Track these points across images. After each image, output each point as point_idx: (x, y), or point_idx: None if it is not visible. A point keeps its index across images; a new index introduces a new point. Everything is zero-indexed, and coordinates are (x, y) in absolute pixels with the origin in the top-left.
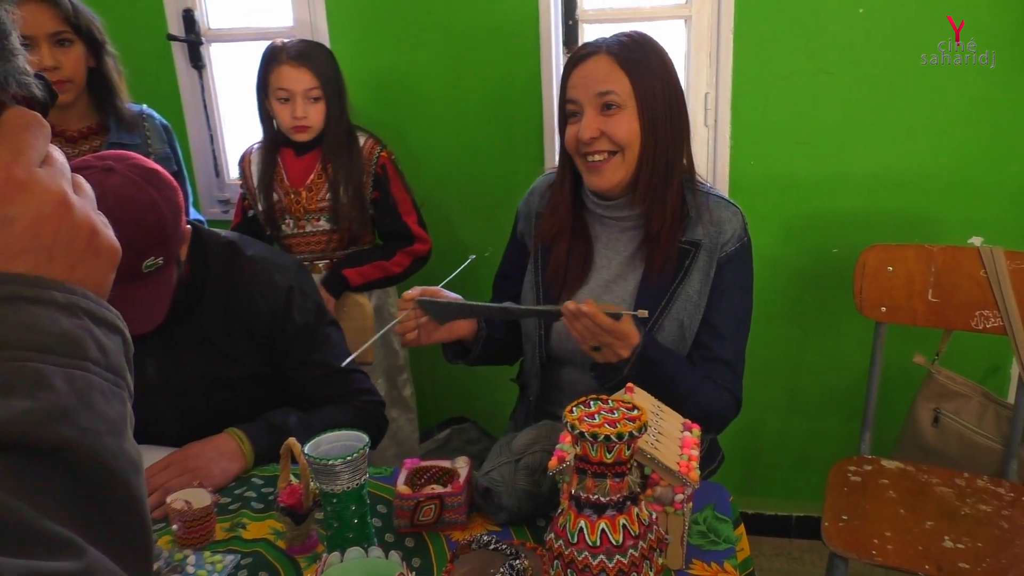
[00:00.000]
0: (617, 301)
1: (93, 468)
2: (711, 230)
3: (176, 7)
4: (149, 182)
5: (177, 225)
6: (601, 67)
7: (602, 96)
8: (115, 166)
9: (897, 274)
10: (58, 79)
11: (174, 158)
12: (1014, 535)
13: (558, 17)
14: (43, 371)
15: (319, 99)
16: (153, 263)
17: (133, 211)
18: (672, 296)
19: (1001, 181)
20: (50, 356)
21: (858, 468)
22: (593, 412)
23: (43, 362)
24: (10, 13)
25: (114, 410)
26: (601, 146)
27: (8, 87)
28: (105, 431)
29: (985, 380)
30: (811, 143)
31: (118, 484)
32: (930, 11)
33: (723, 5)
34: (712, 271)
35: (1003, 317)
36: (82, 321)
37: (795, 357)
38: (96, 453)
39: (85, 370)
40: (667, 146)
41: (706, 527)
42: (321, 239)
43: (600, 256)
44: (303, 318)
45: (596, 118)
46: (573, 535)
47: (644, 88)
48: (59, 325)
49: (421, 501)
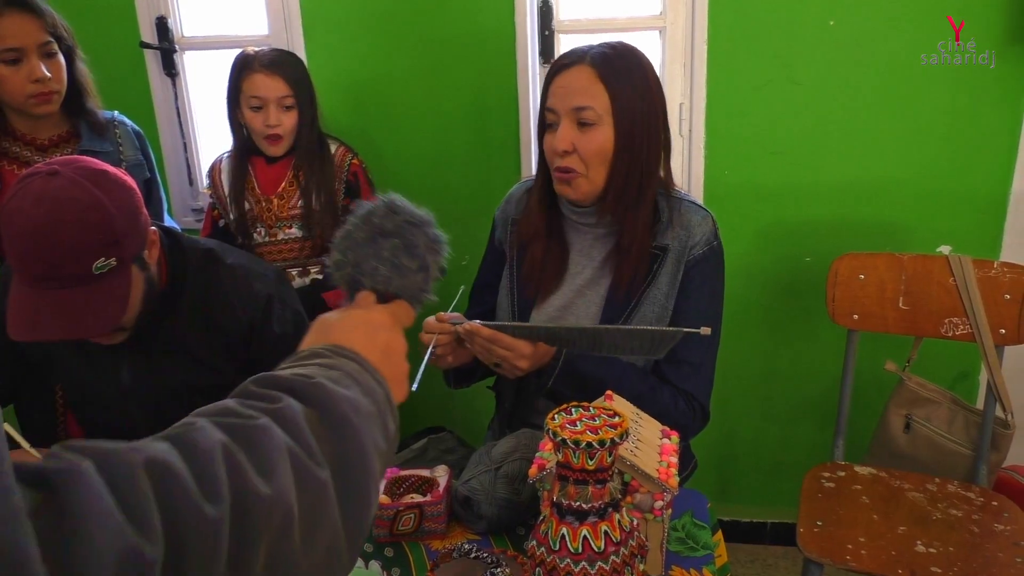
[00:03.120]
0: (588, 307)
1: (355, 443)
2: (680, 234)
3: (149, 15)
4: (95, 183)
5: (131, 226)
6: (581, 79)
7: (579, 111)
8: (60, 170)
9: (869, 282)
10: (49, 90)
11: (147, 165)
12: (984, 539)
13: (534, 27)
14: (355, 387)
15: (292, 107)
16: (104, 264)
17: (76, 212)
18: (639, 301)
19: (968, 190)
20: (355, 384)
21: (832, 474)
22: (575, 419)
23: (356, 384)
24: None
25: (376, 431)
26: (571, 162)
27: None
28: (370, 425)
29: (954, 386)
30: (784, 153)
31: (366, 461)
32: (903, 21)
33: (697, 17)
34: (680, 274)
35: (972, 324)
36: (380, 388)
37: (769, 364)
38: (360, 435)
39: (372, 395)
40: (642, 160)
41: (685, 533)
42: (293, 247)
43: (574, 263)
44: (282, 327)
45: (571, 130)
46: (555, 542)
47: (623, 103)
48: (370, 382)
49: (401, 510)
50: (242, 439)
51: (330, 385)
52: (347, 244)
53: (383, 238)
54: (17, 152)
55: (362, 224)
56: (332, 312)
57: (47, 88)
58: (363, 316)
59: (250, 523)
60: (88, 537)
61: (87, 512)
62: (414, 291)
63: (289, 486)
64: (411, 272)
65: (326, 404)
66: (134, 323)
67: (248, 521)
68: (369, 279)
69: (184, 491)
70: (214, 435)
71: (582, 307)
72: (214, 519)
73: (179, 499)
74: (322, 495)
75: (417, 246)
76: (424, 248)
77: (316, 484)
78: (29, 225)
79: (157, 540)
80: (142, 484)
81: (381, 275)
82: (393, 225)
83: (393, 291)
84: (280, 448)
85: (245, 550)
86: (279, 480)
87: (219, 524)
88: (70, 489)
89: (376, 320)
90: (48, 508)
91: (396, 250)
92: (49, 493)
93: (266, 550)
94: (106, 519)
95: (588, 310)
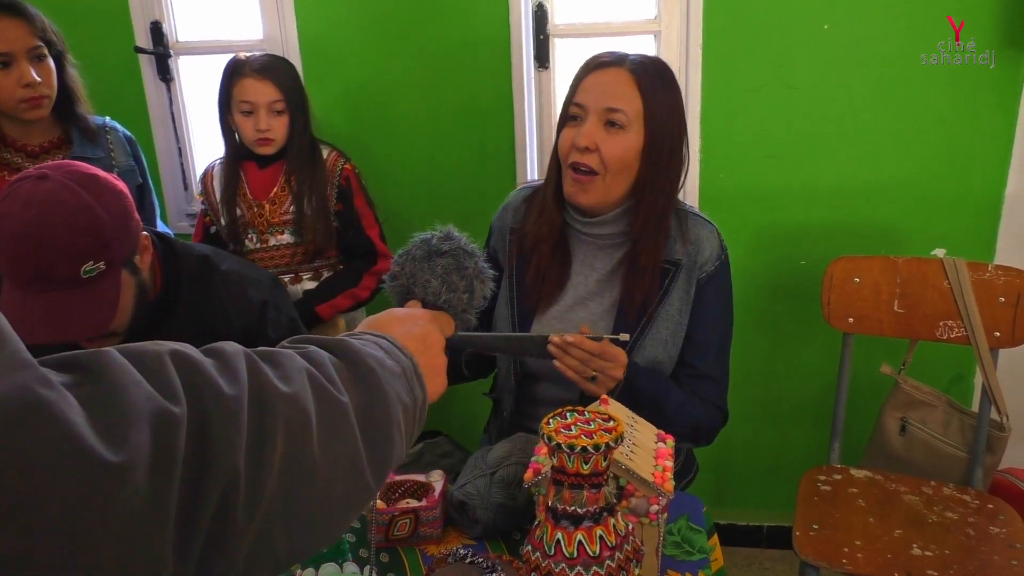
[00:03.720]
0: (590, 318)
1: (377, 387)
2: (690, 249)
3: (144, 19)
4: (84, 186)
5: (121, 231)
6: (619, 80)
7: (610, 112)
8: (50, 173)
9: (864, 285)
10: (39, 94)
11: (139, 170)
12: (979, 542)
13: (529, 32)
14: (380, 351)
15: (282, 112)
16: (93, 268)
17: (65, 215)
18: (653, 316)
19: (963, 194)
20: (381, 350)
21: (828, 477)
22: (570, 423)
23: (382, 350)
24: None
25: (399, 386)
26: (590, 160)
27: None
28: (394, 380)
29: (950, 389)
30: (779, 156)
31: (388, 405)
32: (897, 25)
33: (692, 21)
34: (692, 290)
35: (966, 327)
36: (407, 359)
37: (765, 367)
38: (383, 383)
39: (398, 361)
40: (668, 177)
41: (680, 537)
42: (285, 252)
43: (576, 273)
44: (277, 333)
45: (597, 129)
46: (550, 547)
47: (655, 112)
48: (397, 353)
49: (396, 515)
50: (264, 356)
51: (356, 343)
52: (404, 260)
53: (438, 257)
54: (8, 158)
55: (421, 244)
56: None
57: (37, 93)
58: (403, 312)
59: (268, 410)
60: (125, 400)
61: (119, 381)
62: (458, 308)
63: (306, 394)
64: (458, 290)
65: (351, 356)
66: (127, 329)
67: (266, 408)
68: (421, 289)
69: (205, 374)
70: (239, 347)
71: (587, 322)
72: (234, 396)
73: (200, 377)
74: (341, 416)
75: (467, 268)
76: (472, 272)
77: (335, 403)
78: (18, 228)
79: (181, 403)
80: (165, 364)
81: (432, 287)
82: (448, 247)
83: (441, 304)
84: (300, 368)
85: (264, 436)
86: (296, 386)
87: (239, 401)
88: (101, 366)
89: (416, 315)
90: (85, 380)
91: (448, 269)
92: (83, 372)
93: (284, 443)
94: (137, 387)
95: (595, 325)
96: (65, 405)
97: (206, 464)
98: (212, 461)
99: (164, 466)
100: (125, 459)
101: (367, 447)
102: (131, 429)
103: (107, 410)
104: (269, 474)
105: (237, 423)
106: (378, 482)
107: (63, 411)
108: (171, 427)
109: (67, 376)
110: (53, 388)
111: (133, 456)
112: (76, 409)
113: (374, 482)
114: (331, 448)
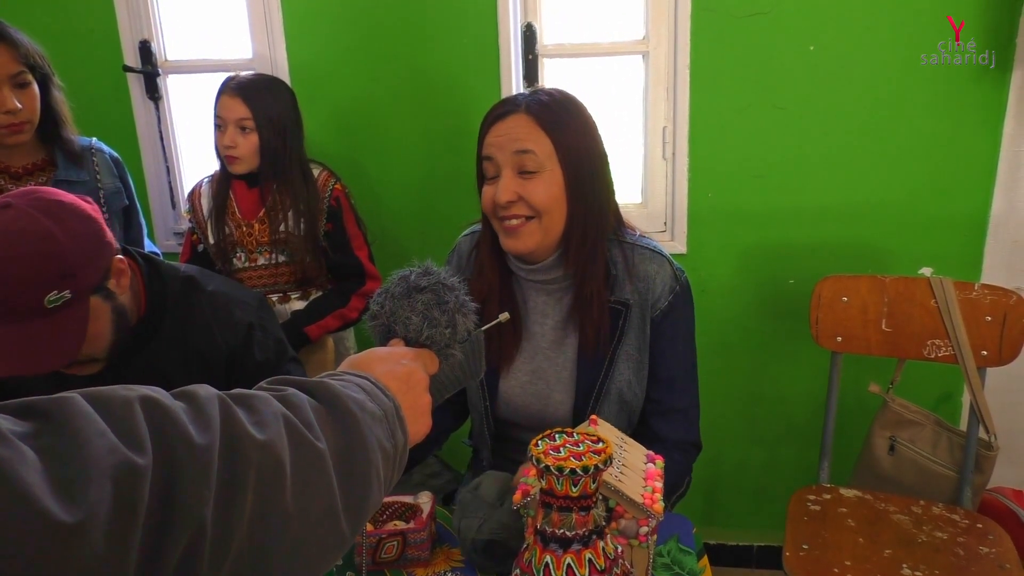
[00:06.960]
0: (559, 371)
1: (356, 432)
2: (640, 286)
3: (133, 38)
4: (47, 214)
5: (88, 258)
6: (520, 125)
7: (520, 155)
8: (13, 202)
9: (852, 304)
10: (20, 120)
11: (125, 192)
12: (969, 561)
13: (518, 52)
14: (362, 393)
15: (250, 130)
16: (58, 298)
17: (25, 245)
18: (613, 359)
19: (949, 213)
20: (362, 391)
21: (817, 497)
22: (558, 445)
23: (363, 392)
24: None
25: (379, 431)
26: (519, 210)
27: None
28: (374, 423)
29: (938, 408)
30: (766, 176)
31: (368, 451)
32: (882, 46)
33: (679, 41)
34: (647, 328)
35: (954, 346)
36: (389, 401)
37: (753, 387)
38: (363, 427)
39: (379, 404)
40: (596, 207)
41: (670, 559)
42: (273, 272)
43: (532, 323)
44: (263, 355)
45: (514, 180)
46: (539, 571)
47: (567, 149)
48: (378, 395)
49: (383, 538)
50: (240, 400)
51: (337, 385)
52: (384, 298)
53: (418, 293)
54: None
55: (399, 281)
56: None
57: (18, 119)
58: (385, 351)
59: (240, 459)
60: (87, 453)
61: (82, 432)
62: (441, 343)
63: (281, 441)
64: (440, 325)
65: (331, 399)
66: (109, 353)
67: (238, 457)
68: (402, 327)
69: (175, 421)
70: (213, 392)
71: (552, 373)
72: (204, 446)
73: (170, 425)
74: (318, 463)
75: (448, 303)
76: (454, 307)
77: (312, 450)
78: None
79: (147, 453)
80: (133, 412)
81: (413, 324)
82: (427, 283)
83: (423, 341)
84: (276, 413)
85: (235, 487)
86: (271, 432)
87: (209, 451)
88: (64, 414)
89: (399, 353)
90: (45, 430)
91: (428, 304)
92: (43, 420)
93: (255, 492)
94: (100, 437)
95: (560, 375)
96: (19, 463)
97: (171, 515)
98: (177, 512)
99: (124, 520)
100: (82, 518)
101: (343, 494)
102: (90, 484)
103: (66, 464)
104: (238, 524)
105: (206, 473)
106: (353, 531)
107: (16, 470)
108: (134, 479)
109: (27, 425)
110: (8, 445)
111: (91, 514)
112: (33, 464)
113: (349, 531)
114: (305, 496)
